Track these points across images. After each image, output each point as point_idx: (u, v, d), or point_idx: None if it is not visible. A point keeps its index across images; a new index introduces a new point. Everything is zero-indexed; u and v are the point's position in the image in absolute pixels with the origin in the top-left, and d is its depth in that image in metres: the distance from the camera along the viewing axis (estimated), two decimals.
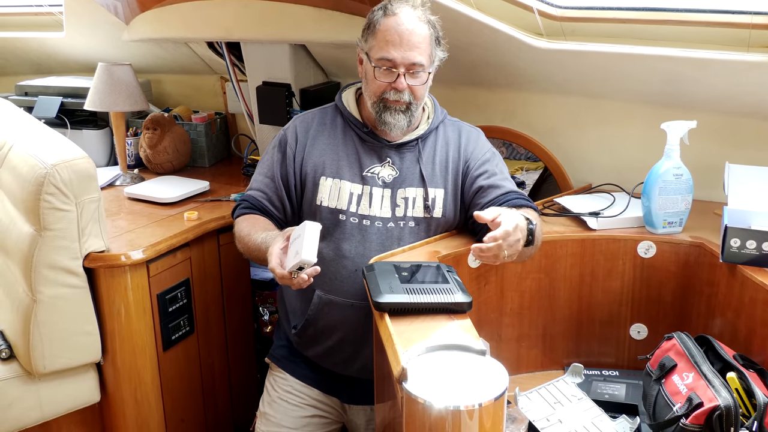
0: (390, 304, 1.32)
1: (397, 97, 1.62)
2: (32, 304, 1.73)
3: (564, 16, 1.92)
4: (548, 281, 1.76)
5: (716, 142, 1.93)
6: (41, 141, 1.86)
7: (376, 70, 1.61)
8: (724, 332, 1.60)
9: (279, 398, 1.85)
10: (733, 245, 1.53)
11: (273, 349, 1.94)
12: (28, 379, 1.79)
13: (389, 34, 1.59)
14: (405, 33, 1.58)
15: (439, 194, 1.70)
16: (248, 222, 1.70)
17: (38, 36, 3.09)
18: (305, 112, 1.82)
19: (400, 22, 1.58)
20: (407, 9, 1.60)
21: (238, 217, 1.75)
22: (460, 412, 1.06)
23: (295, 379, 1.85)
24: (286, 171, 1.73)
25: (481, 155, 1.73)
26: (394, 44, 1.58)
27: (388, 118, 1.63)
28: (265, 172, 1.76)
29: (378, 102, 1.64)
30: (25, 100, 2.84)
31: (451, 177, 1.71)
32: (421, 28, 1.60)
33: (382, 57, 1.60)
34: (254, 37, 2.34)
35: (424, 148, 1.71)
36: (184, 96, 3.07)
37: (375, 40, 1.61)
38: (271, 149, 1.78)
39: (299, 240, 1.38)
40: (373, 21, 1.62)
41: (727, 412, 1.27)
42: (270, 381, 1.90)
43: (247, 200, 1.76)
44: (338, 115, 1.76)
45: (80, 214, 1.74)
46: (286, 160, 1.73)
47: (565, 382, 1.72)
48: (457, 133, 1.75)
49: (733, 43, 1.75)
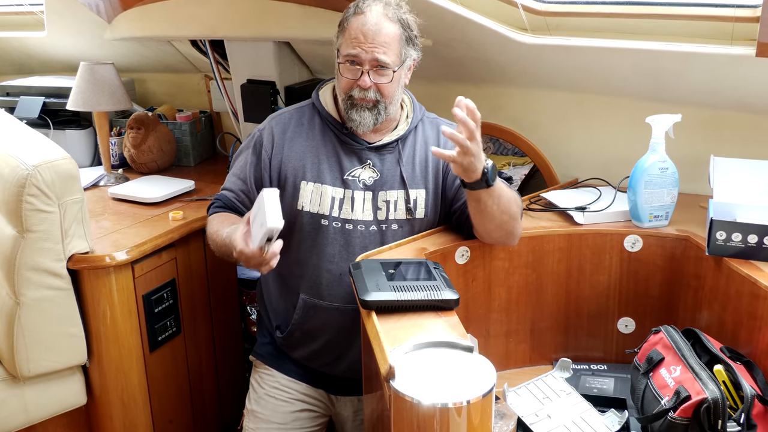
0: (377, 302, 1.31)
1: (362, 95, 1.61)
2: (16, 307, 1.71)
3: (548, 11, 1.92)
4: (535, 276, 1.76)
5: (701, 136, 1.93)
6: (23, 142, 1.84)
7: (341, 67, 1.62)
8: (711, 325, 1.61)
9: (266, 395, 1.85)
10: (718, 238, 1.54)
11: (257, 346, 1.93)
12: (12, 383, 1.78)
13: (354, 31, 1.59)
14: (370, 32, 1.58)
15: (421, 195, 1.69)
16: (218, 220, 1.70)
17: (19, 35, 3.06)
18: (280, 111, 1.79)
19: (367, 20, 1.58)
20: (377, 7, 1.60)
21: (211, 215, 1.75)
22: (449, 409, 1.05)
23: (282, 375, 1.85)
24: (260, 174, 1.71)
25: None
26: (359, 42, 1.58)
27: (354, 115, 1.63)
28: (238, 173, 1.75)
29: (346, 99, 1.64)
30: (7, 101, 2.81)
31: (432, 176, 1.70)
32: (388, 27, 1.59)
33: (348, 53, 1.60)
34: (238, 35, 2.33)
35: (404, 148, 1.70)
36: (168, 95, 3.05)
37: (344, 38, 1.62)
38: (245, 149, 1.76)
39: (260, 212, 1.33)
40: (344, 18, 1.63)
41: (715, 405, 1.27)
42: (255, 378, 1.90)
43: (219, 199, 1.75)
44: (316, 115, 1.73)
45: (63, 216, 1.72)
46: (261, 163, 1.71)
47: (553, 377, 1.72)
48: (435, 131, 1.74)
49: (716, 37, 1.75)
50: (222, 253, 1.63)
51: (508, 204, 1.54)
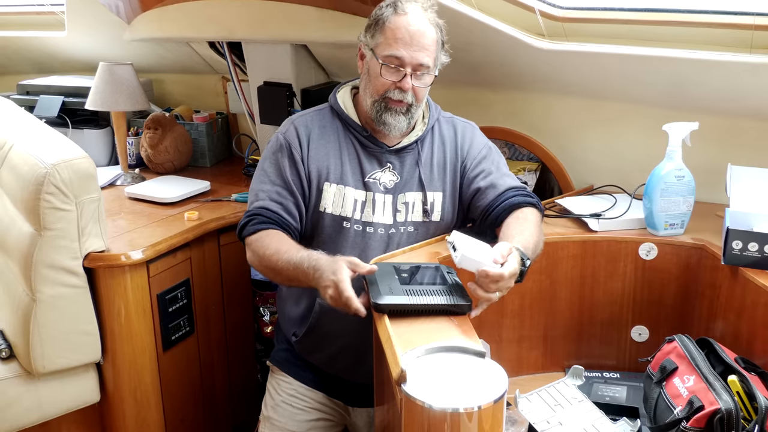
0: (389, 306, 1.31)
1: (400, 97, 1.59)
2: (32, 304, 1.73)
3: (565, 16, 1.92)
4: (549, 282, 1.75)
5: (718, 144, 1.92)
6: (42, 140, 1.86)
7: (383, 68, 1.58)
8: (725, 335, 1.60)
9: (283, 402, 1.83)
10: (735, 247, 1.52)
11: (275, 352, 1.91)
12: (27, 379, 1.79)
13: (399, 32, 1.56)
14: (416, 33, 1.56)
15: (438, 197, 1.69)
16: (273, 240, 1.58)
17: (40, 35, 3.09)
18: (300, 114, 1.75)
19: (412, 21, 1.56)
20: (418, 9, 1.58)
21: (255, 233, 1.61)
22: (459, 414, 1.05)
23: (299, 383, 1.83)
24: (298, 176, 1.64)
25: (477, 153, 1.72)
26: (404, 43, 1.56)
27: (389, 118, 1.61)
28: (274, 180, 1.65)
29: (380, 101, 1.61)
30: (27, 100, 2.84)
31: (449, 179, 1.70)
32: (430, 30, 1.58)
33: (391, 54, 1.57)
34: (256, 37, 2.34)
35: (423, 149, 1.70)
36: (186, 96, 3.07)
37: (383, 37, 1.58)
38: (272, 155, 1.68)
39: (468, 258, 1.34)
40: (382, 17, 1.59)
41: (728, 416, 1.27)
42: (272, 384, 1.88)
43: (261, 214, 1.62)
44: (335, 118, 1.70)
45: (80, 214, 1.73)
46: (296, 165, 1.64)
47: (565, 384, 1.72)
48: (452, 130, 1.74)
49: (735, 45, 1.74)
50: (288, 277, 1.53)
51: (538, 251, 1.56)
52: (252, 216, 1.63)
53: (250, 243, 1.62)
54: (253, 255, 1.61)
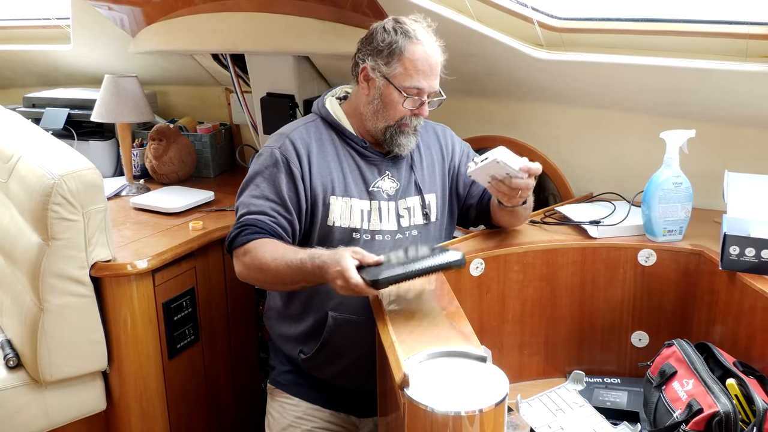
0: (388, 279, 1.32)
1: (417, 123, 1.65)
2: (39, 313, 1.75)
3: (563, 27, 1.95)
4: (549, 289, 1.77)
5: (715, 151, 1.94)
6: (49, 152, 1.89)
7: (406, 100, 1.60)
8: (724, 339, 1.61)
9: (290, 426, 1.79)
10: (732, 253, 1.54)
11: (276, 375, 1.85)
12: (35, 387, 1.81)
13: (420, 63, 1.57)
14: (435, 64, 1.59)
15: (433, 199, 1.74)
16: (269, 247, 1.54)
17: (45, 48, 3.13)
18: (290, 127, 1.70)
19: (430, 52, 1.58)
20: (428, 35, 1.60)
21: (248, 243, 1.56)
22: (461, 417, 1.07)
23: (307, 404, 1.79)
24: (296, 193, 1.61)
25: (461, 150, 1.82)
26: (425, 74, 1.58)
27: (403, 140, 1.65)
28: (268, 196, 1.61)
29: (394, 126, 1.64)
30: (33, 112, 2.87)
31: (439, 179, 1.76)
32: (441, 56, 1.62)
33: (414, 86, 1.58)
34: (259, 49, 2.37)
35: (414, 154, 1.74)
36: (190, 107, 3.10)
37: (402, 68, 1.57)
38: (266, 169, 1.63)
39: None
40: (396, 45, 1.57)
41: (726, 418, 1.28)
42: (275, 408, 1.83)
43: (254, 224, 1.58)
44: (329, 129, 1.69)
45: (87, 224, 1.76)
46: (295, 182, 1.61)
47: (566, 390, 1.73)
48: (432, 134, 1.80)
49: (731, 54, 1.76)
50: (292, 281, 1.50)
51: (531, 203, 1.71)
52: (243, 227, 1.59)
53: (243, 253, 1.57)
54: (243, 267, 1.57)
